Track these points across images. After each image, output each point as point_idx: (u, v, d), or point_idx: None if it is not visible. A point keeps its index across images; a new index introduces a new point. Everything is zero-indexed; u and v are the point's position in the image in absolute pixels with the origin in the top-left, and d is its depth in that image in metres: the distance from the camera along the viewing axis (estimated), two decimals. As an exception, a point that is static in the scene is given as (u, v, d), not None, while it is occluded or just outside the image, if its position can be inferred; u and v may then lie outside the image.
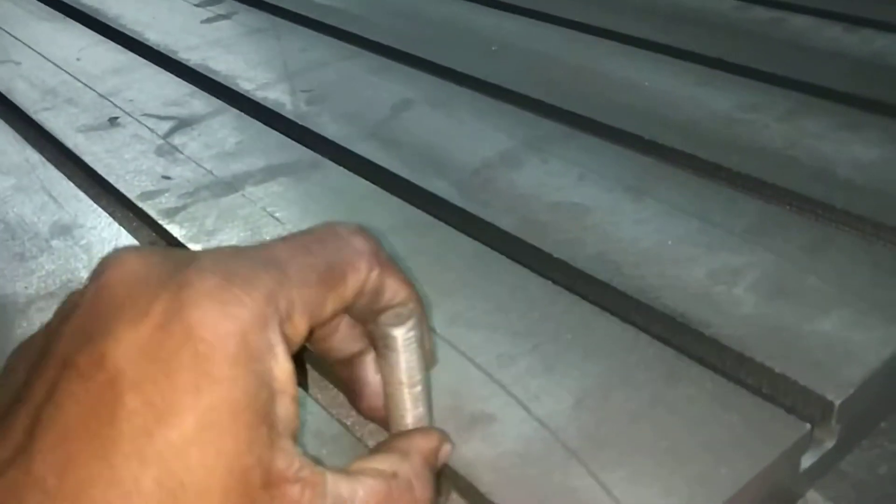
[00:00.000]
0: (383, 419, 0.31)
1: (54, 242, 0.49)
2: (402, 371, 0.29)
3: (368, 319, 0.30)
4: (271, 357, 0.23)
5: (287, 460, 0.23)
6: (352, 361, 0.31)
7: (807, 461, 0.33)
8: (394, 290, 0.29)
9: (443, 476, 0.31)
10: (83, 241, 0.49)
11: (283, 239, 0.27)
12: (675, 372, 0.35)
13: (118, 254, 0.25)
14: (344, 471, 0.26)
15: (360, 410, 0.33)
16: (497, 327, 0.38)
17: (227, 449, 0.22)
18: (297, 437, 0.25)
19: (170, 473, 0.21)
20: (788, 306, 0.38)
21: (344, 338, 0.31)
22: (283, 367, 0.24)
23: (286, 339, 0.24)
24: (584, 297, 0.40)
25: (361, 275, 0.27)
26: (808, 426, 0.32)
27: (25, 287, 0.45)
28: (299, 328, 0.25)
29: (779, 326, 0.37)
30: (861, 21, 0.66)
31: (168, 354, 0.22)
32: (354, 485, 0.25)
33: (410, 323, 0.29)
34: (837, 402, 0.33)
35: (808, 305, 0.38)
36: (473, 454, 0.32)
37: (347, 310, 0.28)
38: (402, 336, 0.29)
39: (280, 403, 0.24)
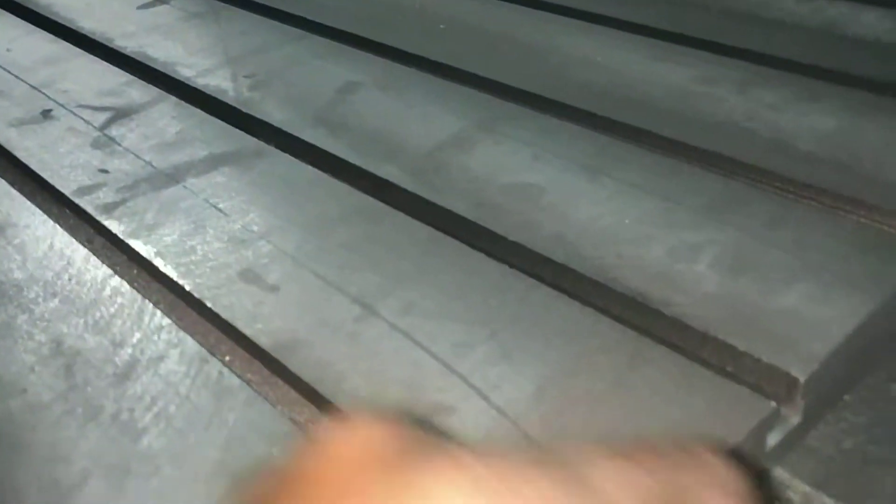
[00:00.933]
0: None
1: (-15, 243, 0.46)
2: None
3: None
4: None
5: None
6: None
7: (773, 439, 0.32)
8: None
9: None
10: (17, 241, 0.46)
11: (601, 448, 0.19)
12: (638, 354, 0.34)
13: (350, 424, 0.20)
14: None
15: None
16: (453, 315, 0.37)
17: None
18: None
19: None
20: (750, 282, 0.37)
21: None
22: None
23: None
24: (541, 281, 0.39)
25: None
26: (774, 404, 0.31)
27: (-47, 292, 0.42)
28: None
29: (741, 303, 0.36)
30: (810, -10, 0.66)
31: None
32: None
33: None
34: (803, 379, 0.32)
35: (771, 280, 0.37)
36: (432, 449, 0.30)
37: None
38: None
39: None
